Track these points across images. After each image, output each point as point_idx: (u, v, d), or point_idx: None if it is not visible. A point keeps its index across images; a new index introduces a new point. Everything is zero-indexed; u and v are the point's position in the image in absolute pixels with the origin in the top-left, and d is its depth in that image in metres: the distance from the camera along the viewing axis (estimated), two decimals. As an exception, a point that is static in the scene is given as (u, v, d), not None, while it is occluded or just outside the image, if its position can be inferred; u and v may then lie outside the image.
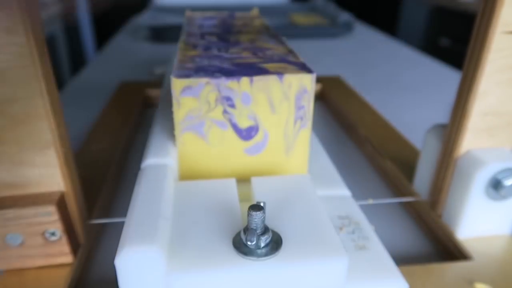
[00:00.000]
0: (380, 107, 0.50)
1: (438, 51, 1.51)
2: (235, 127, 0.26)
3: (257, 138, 0.26)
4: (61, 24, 1.77)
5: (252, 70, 0.26)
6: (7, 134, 0.22)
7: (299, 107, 0.26)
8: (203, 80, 0.24)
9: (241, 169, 0.27)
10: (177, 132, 0.26)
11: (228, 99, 0.25)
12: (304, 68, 0.26)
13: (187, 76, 0.24)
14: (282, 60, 0.28)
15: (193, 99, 0.25)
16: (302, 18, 1.04)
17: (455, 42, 1.44)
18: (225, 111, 0.25)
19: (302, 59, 0.28)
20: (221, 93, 0.25)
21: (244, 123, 0.26)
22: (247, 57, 0.29)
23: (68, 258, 0.25)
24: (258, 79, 0.25)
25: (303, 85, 0.25)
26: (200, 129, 0.26)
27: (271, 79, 0.25)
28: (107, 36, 1.03)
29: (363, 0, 2.11)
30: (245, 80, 0.24)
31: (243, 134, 0.26)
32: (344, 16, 0.97)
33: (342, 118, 0.49)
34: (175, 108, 0.25)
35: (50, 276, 0.24)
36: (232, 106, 0.25)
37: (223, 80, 0.24)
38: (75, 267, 0.25)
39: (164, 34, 0.88)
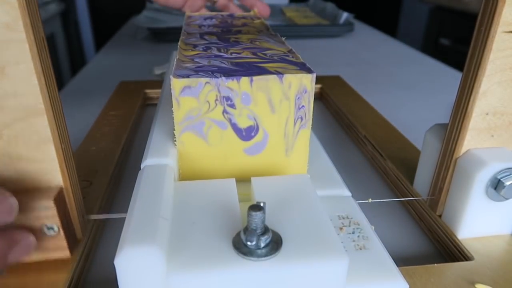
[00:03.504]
0: (380, 107, 0.50)
1: (438, 51, 1.51)
2: (234, 127, 0.26)
3: (257, 138, 0.26)
4: (61, 23, 1.77)
5: (252, 70, 0.26)
6: (6, 129, 0.22)
7: (299, 107, 0.26)
8: (203, 80, 0.24)
9: (241, 169, 0.27)
10: (176, 132, 0.26)
11: (227, 99, 0.25)
12: (304, 68, 0.26)
13: (186, 76, 0.24)
14: (282, 60, 0.28)
15: (192, 99, 0.25)
16: (302, 18, 1.04)
17: (455, 41, 1.44)
18: (224, 111, 0.25)
19: (302, 59, 0.28)
20: (220, 93, 0.25)
21: (244, 123, 0.26)
22: (247, 57, 0.29)
23: (65, 253, 0.25)
24: (258, 79, 0.24)
25: (303, 85, 0.25)
26: (200, 129, 0.26)
27: (271, 79, 0.25)
28: (107, 36, 1.03)
29: (363, 0, 2.11)
30: (245, 80, 0.24)
31: (243, 134, 0.26)
32: (344, 16, 0.97)
33: (342, 118, 0.49)
34: (174, 108, 0.25)
35: (50, 276, 0.24)
36: (232, 106, 0.25)
37: (222, 80, 0.24)
38: (74, 266, 0.25)
39: (163, 35, 0.88)
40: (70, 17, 1.94)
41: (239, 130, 0.26)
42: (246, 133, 0.26)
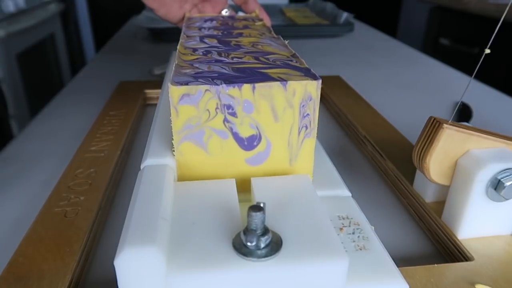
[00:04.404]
0: (380, 107, 0.50)
1: (438, 51, 1.51)
2: (236, 137, 0.25)
3: (260, 147, 0.25)
4: (61, 23, 1.78)
5: (254, 76, 0.25)
6: None
7: (303, 115, 0.25)
8: (203, 88, 0.23)
9: (243, 180, 0.26)
10: (175, 141, 0.25)
11: (229, 107, 0.24)
12: (309, 74, 0.25)
13: (185, 83, 0.23)
14: (285, 65, 0.27)
15: (192, 107, 0.24)
16: (302, 18, 1.04)
17: (455, 41, 1.44)
18: (225, 120, 0.24)
19: (306, 64, 0.27)
20: (221, 101, 0.24)
21: (245, 132, 0.25)
22: (249, 62, 0.28)
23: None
24: (261, 86, 0.24)
25: (308, 92, 0.24)
26: (200, 139, 0.25)
27: (274, 86, 0.24)
28: (107, 36, 1.03)
29: (363, 0, 2.11)
30: (246, 87, 0.23)
31: (244, 143, 0.25)
32: (344, 16, 0.97)
33: (342, 118, 0.49)
34: (173, 116, 0.24)
35: (50, 276, 0.24)
36: (233, 114, 0.24)
37: (223, 87, 0.23)
38: (74, 266, 0.25)
39: (163, 35, 0.88)
40: (70, 17, 1.94)
41: (240, 139, 0.25)
42: (248, 143, 0.25)
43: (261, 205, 0.19)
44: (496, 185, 0.26)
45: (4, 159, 0.42)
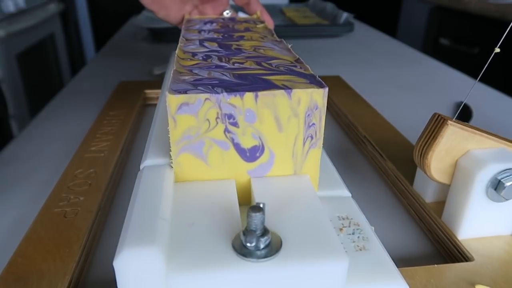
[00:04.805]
0: (380, 107, 0.50)
1: (438, 51, 1.50)
2: (237, 147, 0.24)
3: (262, 159, 0.25)
4: (61, 23, 1.78)
5: (256, 84, 0.24)
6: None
7: (309, 125, 0.24)
8: (202, 96, 0.22)
9: (245, 193, 0.26)
10: (173, 153, 0.24)
11: (230, 116, 0.23)
12: (314, 81, 0.24)
13: (184, 91, 0.22)
14: (289, 71, 0.26)
15: (191, 117, 0.23)
16: (302, 18, 1.04)
17: (455, 41, 1.44)
18: (226, 130, 0.23)
19: (311, 70, 0.26)
20: (222, 110, 0.23)
21: (248, 143, 0.24)
22: (251, 67, 0.27)
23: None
24: (264, 95, 0.22)
25: (314, 100, 0.23)
26: (199, 150, 0.24)
27: (278, 95, 0.23)
28: (107, 36, 1.03)
29: (363, 0, 2.11)
30: (249, 95, 0.22)
31: (246, 154, 0.24)
32: (344, 16, 0.97)
33: (342, 118, 0.49)
34: (171, 126, 0.23)
35: (50, 276, 0.24)
36: (235, 124, 0.23)
37: (224, 96, 0.22)
38: (74, 266, 0.25)
39: (163, 35, 0.88)
40: (70, 17, 1.94)
41: (242, 150, 0.24)
42: (250, 154, 0.24)
43: (261, 205, 0.19)
44: (496, 185, 0.26)
45: (4, 159, 0.42)
